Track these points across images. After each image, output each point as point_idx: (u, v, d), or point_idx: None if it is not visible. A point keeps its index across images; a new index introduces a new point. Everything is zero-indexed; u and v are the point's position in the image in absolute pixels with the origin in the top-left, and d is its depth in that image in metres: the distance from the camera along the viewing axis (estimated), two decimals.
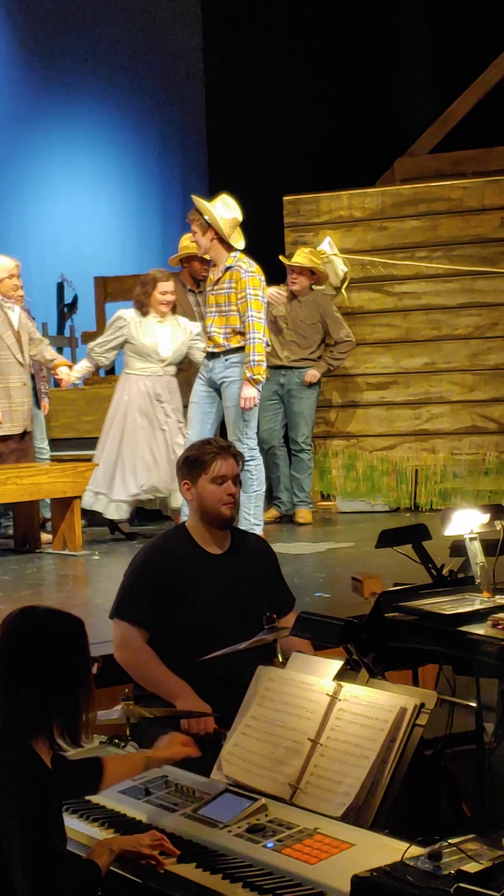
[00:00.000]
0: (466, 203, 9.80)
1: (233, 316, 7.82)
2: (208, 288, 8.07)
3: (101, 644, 5.09)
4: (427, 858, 2.67)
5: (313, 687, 3.56)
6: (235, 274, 7.84)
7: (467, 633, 3.66)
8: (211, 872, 2.93)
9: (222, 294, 7.87)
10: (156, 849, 3.08)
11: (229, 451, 4.73)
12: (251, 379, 7.71)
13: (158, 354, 8.70)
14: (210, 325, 7.92)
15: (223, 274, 7.87)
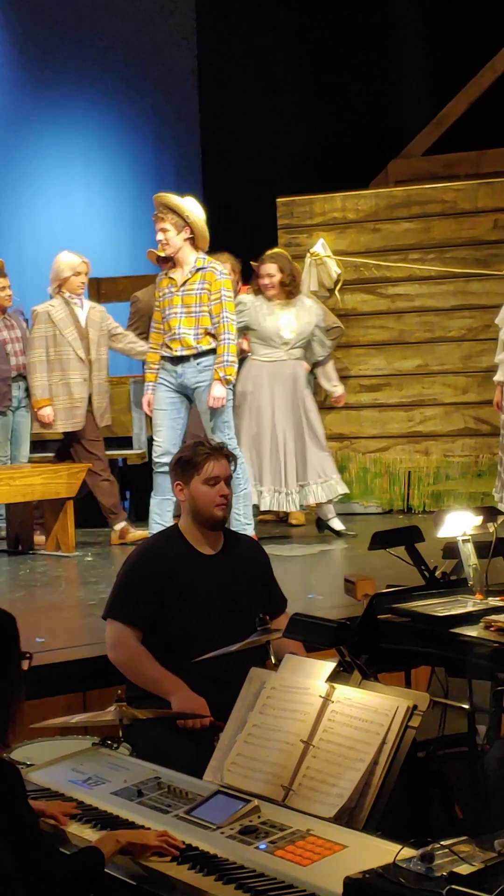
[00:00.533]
0: (460, 205, 9.80)
1: (204, 317, 7.66)
2: (170, 289, 7.78)
3: (96, 645, 5.11)
4: (419, 860, 2.67)
5: (306, 689, 3.56)
6: (210, 275, 7.71)
7: (460, 635, 3.67)
8: (204, 874, 2.93)
9: (193, 295, 7.70)
10: (162, 842, 3.09)
11: (222, 453, 4.74)
12: (223, 378, 7.60)
13: (281, 338, 8.61)
14: (177, 326, 7.69)
15: (193, 275, 7.71)
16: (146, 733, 4.16)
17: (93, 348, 8.68)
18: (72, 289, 8.68)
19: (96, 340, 8.71)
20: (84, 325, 8.69)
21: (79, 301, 8.73)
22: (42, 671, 5.17)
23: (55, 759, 3.81)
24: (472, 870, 2.61)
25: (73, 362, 8.60)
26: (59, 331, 8.57)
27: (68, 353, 8.59)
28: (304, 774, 3.37)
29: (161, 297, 7.87)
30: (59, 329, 8.58)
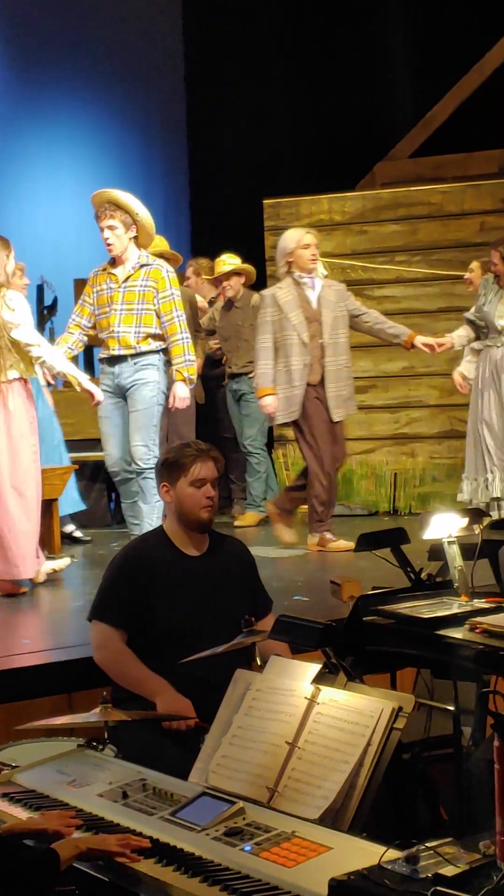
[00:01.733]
0: (446, 208, 9.83)
1: (147, 315, 7.34)
2: (108, 285, 7.47)
3: (82, 646, 5.11)
4: (404, 862, 2.68)
5: (291, 691, 3.56)
6: (155, 272, 7.40)
7: (445, 637, 3.67)
8: (189, 876, 2.93)
9: (135, 292, 7.37)
10: (124, 847, 3.08)
11: (209, 454, 4.74)
12: (187, 378, 7.36)
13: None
14: (116, 323, 7.38)
15: (135, 271, 7.41)
16: (131, 735, 4.15)
17: (326, 331, 8.06)
18: (302, 264, 8.04)
19: (331, 323, 8.08)
20: (315, 307, 8.09)
21: (310, 281, 8.10)
22: (27, 672, 5.18)
23: (40, 761, 3.80)
24: (457, 871, 2.62)
25: (296, 347, 8.01)
26: (285, 314, 8.02)
27: (291, 336, 8.02)
28: (289, 776, 3.37)
29: (96, 293, 7.53)
30: (285, 312, 8.03)
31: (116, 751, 3.88)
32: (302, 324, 8.00)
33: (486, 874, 2.61)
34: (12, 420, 6.88)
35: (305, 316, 8.03)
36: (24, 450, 6.92)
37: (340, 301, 8.14)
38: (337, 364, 8.11)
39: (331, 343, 8.06)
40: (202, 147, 14.44)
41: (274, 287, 8.22)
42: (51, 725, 4.13)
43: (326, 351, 8.04)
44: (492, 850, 2.67)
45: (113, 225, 7.41)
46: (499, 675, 3.68)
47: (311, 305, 8.06)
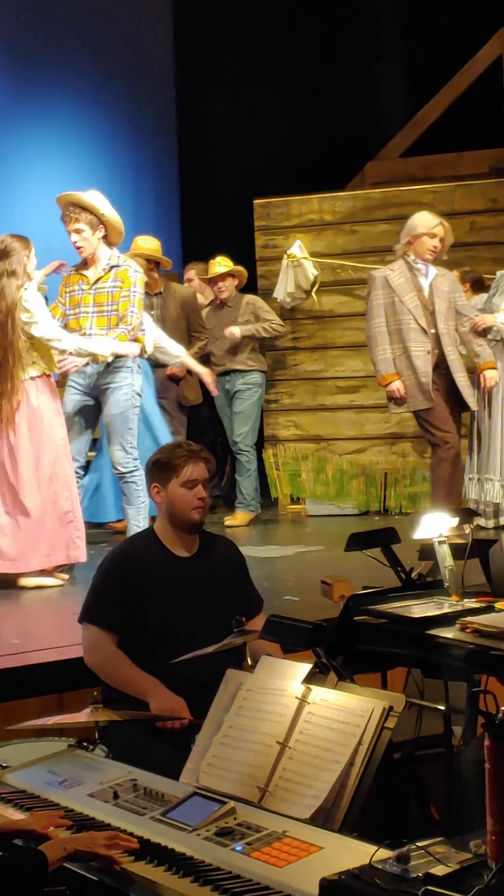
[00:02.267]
0: (437, 207, 9.78)
1: (115, 316, 7.38)
2: (80, 286, 7.48)
3: (72, 647, 5.11)
4: (395, 861, 2.68)
5: (282, 690, 3.56)
6: (123, 273, 7.42)
7: (436, 637, 3.67)
8: (180, 876, 2.93)
9: (105, 293, 7.41)
10: (111, 847, 3.08)
11: (200, 456, 4.73)
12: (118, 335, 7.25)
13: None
14: (88, 325, 7.38)
15: (105, 273, 7.43)
16: (122, 735, 4.15)
17: (440, 320, 7.77)
18: (421, 251, 7.77)
19: (444, 312, 7.80)
20: (427, 295, 7.81)
21: (423, 267, 7.81)
22: (18, 673, 5.18)
23: (31, 761, 3.80)
24: (448, 871, 2.62)
25: (415, 332, 7.73)
26: (399, 297, 7.74)
27: (408, 321, 7.73)
28: (280, 776, 3.37)
29: (69, 293, 7.53)
30: (399, 295, 7.75)
31: (107, 751, 3.88)
32: (418, 308, 7.73)
33: (476, 873, 2.61)
34: (37, 415, 6.98)
35: (420, 301, 7.77)
36: (49, 444, 7.01)
37: (452, 292, 7.89)
38: (457, 354, 7.84)
39: (445, 333, 7.77)
40: (193, 147, 14.44)
41: (384, 269, 7.93)
42: (41, 726, 4.12)
43: (443, 340, 7.75)
44: (482, 850, 2.67)
45: (80, 228, 7.41)
46: (489, 675, 3.68)
47: (424, 293, 7.80)
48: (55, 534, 7.04)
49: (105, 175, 14.20)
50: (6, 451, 6.98)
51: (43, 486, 7.00)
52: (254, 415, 9.78)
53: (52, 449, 7.05)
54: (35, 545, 7.00)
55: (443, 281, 7.83)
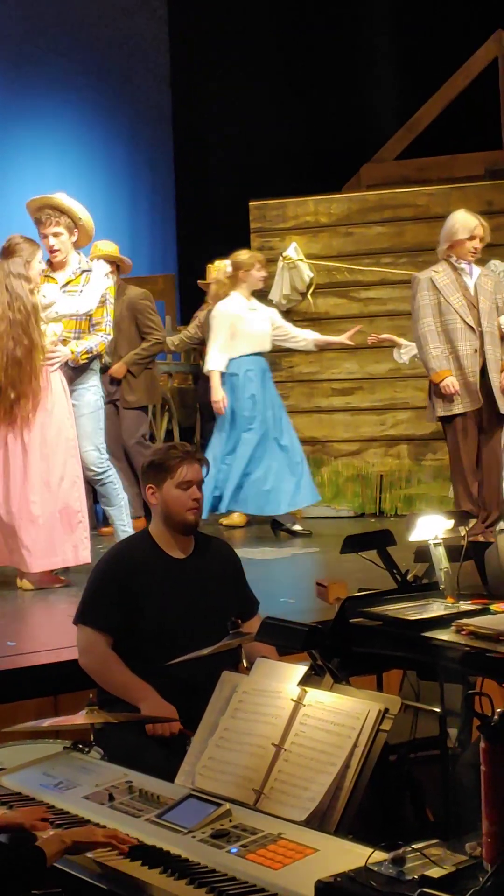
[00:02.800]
0: (432, 210, 9.83)
1: (87, 321, 7.37)
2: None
3: (68, 649, 5.10)
4: (391, 863, 2.68)
5: (277, 693, 3.56)
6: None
7: (431, 639, 3.68)
8: (175, 878, 2.93)
9: (75, 297, 7.37)
10: (109, 839, 3.10)
11: (195, 457, 4.73)
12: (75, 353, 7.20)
13: None
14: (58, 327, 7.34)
15: (76, 276, 7.42)
16: (118, 737, 4.15)
17: (484, 318, 7.70)
18: (461, 254, 7.72)
19: (487, 311, 7.73)
20: (473, 293, 7.74)
21: (467, 266, 7.75)
22: (13, 675, 5.17)
23: (26, 763, 3.80)
24: (444, 873, 2.62)
25: (462, 331, 7.66)
26: (445, 297, 7.69)
27: (454, 320, 7.67)
28: (275, 778, 3.37)
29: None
30: (445, 295, 7.69)
31: (102, 753, 3.87)
32: (464, 307, 7.66)
33: (472, 875, 2.61)
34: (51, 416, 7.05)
35: (466, 301, 7.71)
36: (61, 444, 7.08)
37: (496, 291, 7.82)
38: (496, 355, 7.73)
39: (489, 332, 7.70)
40: (188, 148, 14.45)
41: (428, 270, 7.83)
42: (37, 728, 4.12)
43: (485, 338, 7.68)
44: (478, 852, 2.67)
45: (58, 231, 7.40)
46: (485, 677, 3.68)
47: (470, 291, 7.73)
48: (64, 534, 7.06)
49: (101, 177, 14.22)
50: (20, 450, 6.99)
51: (54, 487, 7.03)
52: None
53: (65, 449, 7.09)
54: (44, 545, 7.00)
55: (486, 280, 7.79)
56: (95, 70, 14.06)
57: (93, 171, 14.19)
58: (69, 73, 13.78)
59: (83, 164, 14.09)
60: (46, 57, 13.59)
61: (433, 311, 7.70)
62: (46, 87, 13.61)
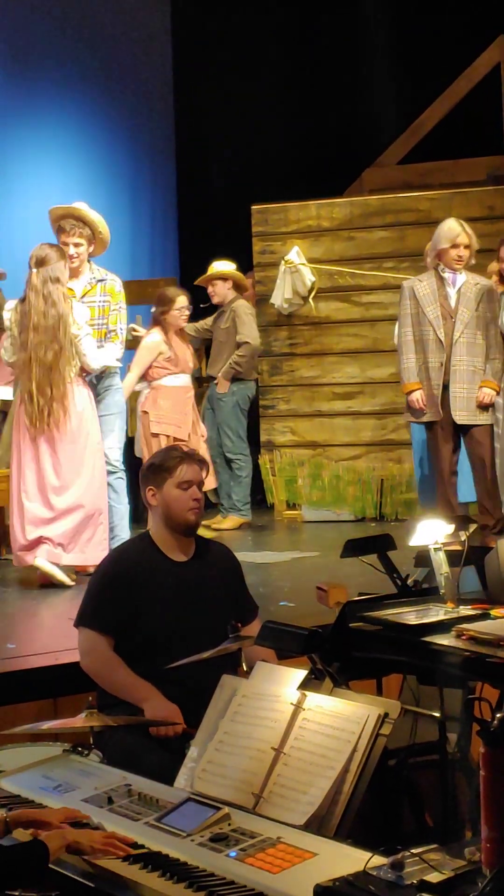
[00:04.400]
0: (434, 214, 9.82)
1: (104, 329, 7.59)
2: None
3: (68, 651, 5.11)
4: (389, 868, 2.68)
5: (277, 697, 3.56)
6: (110, 288, 7.66)
7: (431, 644, 3.68)
8: (174, 882, 2.93)
9: (94, 307, 7.56)
10: (107, 845, 3.10)
11: (194, 458, 4.75)
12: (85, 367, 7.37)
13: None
14: None
15: (91, 287, 7.60)
16: (117, 740, 4.15)
17: (458, 329, 7.66)
18: (447, 262, 7.71)
19: (466, 321, 7.68)
20: (454, 304, 7.70)
21: (451, 276, 7.71)
22: (13, 677, 5.17)
23: (25, 766, 3.80)
24: (442, 878, 2.62)
25: (432, 343, 7.69)
26: (422, 308, 7.71)
27: (427, 332, 7.71)
28: (274, 782, 3.37)
29: None
30: (422, 306, 7.71)
31: (102, 756, 3.87)
32: (438, 319, 7.68)
33: (471, 881, 2.61)
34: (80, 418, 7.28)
35: (441, 312, 7.70)
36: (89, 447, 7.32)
37: (484, 301, 7.74)
38: (473, 365, 7.70)
39: (465, 342, 7.67)
40: (190, 152, 14.45)
41: (414, 279, 7.92)
42: (36, 731, 4.12)
43: (461, 350, 7.65)
44: (477, 857, 2.67)
45: (79, 242, 7.57)
46: (484, 682, 3.68)
47: (450, 302, 7.71)
48: (89, 534, 7.26)
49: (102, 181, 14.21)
50: (48, 452, 7.18)
51: (82, 487, 7.24)
52: (234, 421, 9.79)
53: (92, 452, 7.32)
54: (70, 542, 7.21)
55: (472, 288, 7.74)
56: (97, 73, 14.06)
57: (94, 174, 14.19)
58: (71, 75, 13.78)
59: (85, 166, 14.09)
60: (48, 60, 13.59)
61: (413, 321, 7.77)
62: (48, 89, 13.61)
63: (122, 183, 14.45)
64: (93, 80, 14.00)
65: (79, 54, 13.83)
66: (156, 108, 14.77)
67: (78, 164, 13.95)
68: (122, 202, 14.51)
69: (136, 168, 14.63)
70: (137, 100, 14.54)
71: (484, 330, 7.72)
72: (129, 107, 14.49)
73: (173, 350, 9.06)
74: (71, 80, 13.75)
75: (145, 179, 14.67)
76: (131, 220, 14.41)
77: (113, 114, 14.35)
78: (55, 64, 13.64)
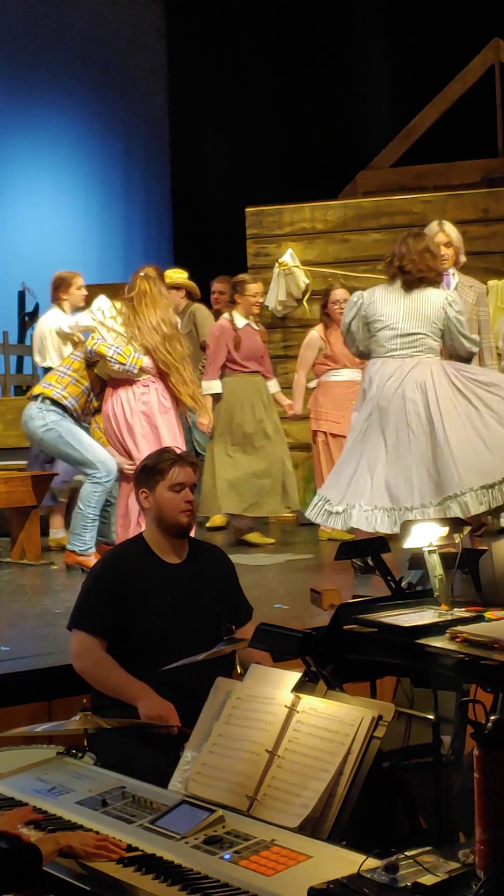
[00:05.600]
0: (428, 217, 9.82)
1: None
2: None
3: (61, 654, 5.10)
4: (383, 871, 2.68)
5: (271, 699, 3.56)
6: None
7: (425, 646, 3.67)
8: (168, 884, 2.93)
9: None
10: (100, 849, 3.10)
11: (186, 460, 4.75)
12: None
13: None
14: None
15: None
16: (111, 743, 4.15)
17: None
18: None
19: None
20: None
21: (444, 277, 7.67)
22: (6, 680, 5.17)
23: (19, 769, 3.80)
24: (437, 880, 2.62)
25: None
26: None
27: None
28: (268, 784, 3.36)
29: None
30: None
31: (96, 758, 3.87)
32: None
33: (465, 883, 2.61)
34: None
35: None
36: None
37: (477, 305, 7.74)
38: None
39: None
40: (184, 155, 14.47)
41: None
42: (30, 733, 4.12)
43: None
44: (471, 859, 2.67)
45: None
46: (478, 685, 3.68)
47: None
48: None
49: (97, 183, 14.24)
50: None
51: None
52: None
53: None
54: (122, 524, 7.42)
55: (467, 291, 7.73)
56: (92, 78, 14.10)
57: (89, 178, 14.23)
58: (66, 80, 13.82)
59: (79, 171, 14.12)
60: (43, 66, 13.62)
61: None
62: (43, 94, 13.64)
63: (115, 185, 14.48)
64: (87, 84, 14.04)
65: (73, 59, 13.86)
66: (150, 111, 14.81)
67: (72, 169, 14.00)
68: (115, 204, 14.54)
69: (131, 172, 14.66)
70: (132, 102, 14.57)
71: (477, 333, 7.71)
72: (123, 110, 14.52)
73: (331, 346, 9.13)
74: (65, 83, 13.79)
75: (139, 182, 14.70)
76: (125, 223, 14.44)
77: (107, 118, 14.39)
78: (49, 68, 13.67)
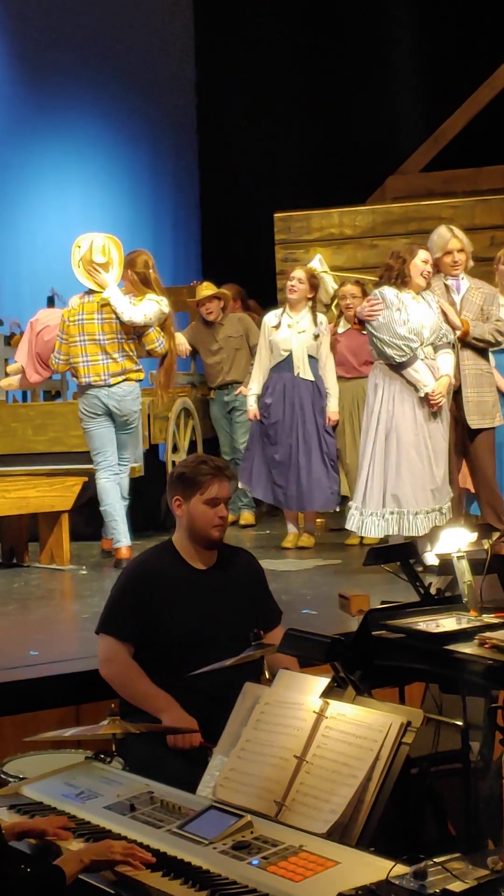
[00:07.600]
0: (457, 222, 9.78)
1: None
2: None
3: (90, 659, 5.11)
4: (412, 877, 2.67)
5: (300, 704, 3.56)
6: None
7: (454, 652, 3.66)
8: (196, 889, 2.93)
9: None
10: (127, 856, 3.09)
11: (225, 474, 4.68)
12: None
13: None
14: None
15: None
16: (139, 747, 4.15)
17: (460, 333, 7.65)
18: (445, 270, 7.77)
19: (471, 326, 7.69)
20: (458, 310, 7.71)
21: (454, 283, 7.78)
22: (35, 685, 5.18)
23: (48, 773, 3.80)
24: (465, 887, 2.62)
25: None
26: None
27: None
28: (297, 790, 3.36)
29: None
30: None
31: (124, 763, 3.87)
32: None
33: (493, 890, 2.61)
34: None
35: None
36: None
37: (487, 305, 7.76)
38: (479, 368, 7.74)
39: (472, 346, 7.69)
40: (213, 160, 14.48)
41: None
42: (59, 738, 4.12)
43: (468, 354, 7.69)
44: (500, 866, 2.67)
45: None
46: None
47: (455, 308, 7.72)
48: None
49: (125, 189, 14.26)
50: None
51: None
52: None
53: None
54: None
55: (475, 293, 7.77)
56: (120, 81, 14.12)
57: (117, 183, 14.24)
58: (94, 84, 13.84)
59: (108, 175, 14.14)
60: (70, 69, 13.65)
61: None
62: (70, 98, 13.67)
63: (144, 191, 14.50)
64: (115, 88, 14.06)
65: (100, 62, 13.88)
66: (179, 115, 14.82)
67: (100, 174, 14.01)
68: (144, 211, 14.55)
69: (159, 176, 14.67)
70: (160, 107, 14.59)
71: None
72: (151, 114, 14.54)
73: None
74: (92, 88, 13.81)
75: (168, 187, 14.71)
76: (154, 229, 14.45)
77: (135, 122, 14.40)
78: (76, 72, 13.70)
